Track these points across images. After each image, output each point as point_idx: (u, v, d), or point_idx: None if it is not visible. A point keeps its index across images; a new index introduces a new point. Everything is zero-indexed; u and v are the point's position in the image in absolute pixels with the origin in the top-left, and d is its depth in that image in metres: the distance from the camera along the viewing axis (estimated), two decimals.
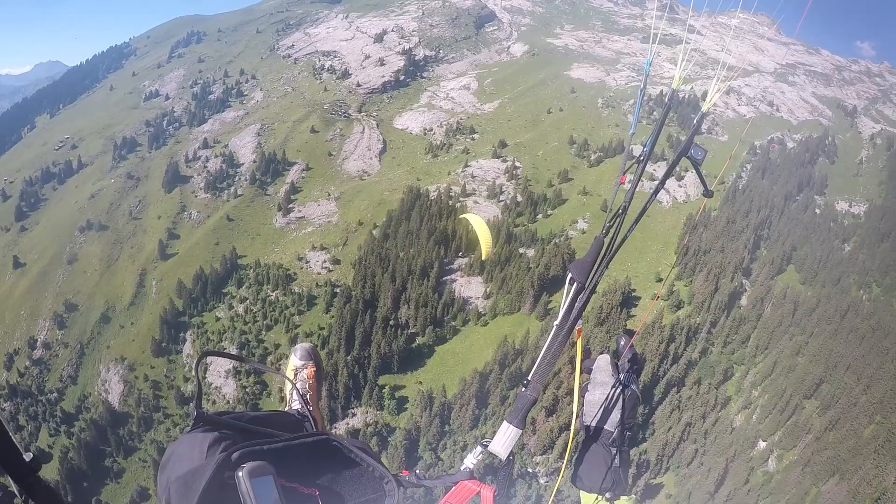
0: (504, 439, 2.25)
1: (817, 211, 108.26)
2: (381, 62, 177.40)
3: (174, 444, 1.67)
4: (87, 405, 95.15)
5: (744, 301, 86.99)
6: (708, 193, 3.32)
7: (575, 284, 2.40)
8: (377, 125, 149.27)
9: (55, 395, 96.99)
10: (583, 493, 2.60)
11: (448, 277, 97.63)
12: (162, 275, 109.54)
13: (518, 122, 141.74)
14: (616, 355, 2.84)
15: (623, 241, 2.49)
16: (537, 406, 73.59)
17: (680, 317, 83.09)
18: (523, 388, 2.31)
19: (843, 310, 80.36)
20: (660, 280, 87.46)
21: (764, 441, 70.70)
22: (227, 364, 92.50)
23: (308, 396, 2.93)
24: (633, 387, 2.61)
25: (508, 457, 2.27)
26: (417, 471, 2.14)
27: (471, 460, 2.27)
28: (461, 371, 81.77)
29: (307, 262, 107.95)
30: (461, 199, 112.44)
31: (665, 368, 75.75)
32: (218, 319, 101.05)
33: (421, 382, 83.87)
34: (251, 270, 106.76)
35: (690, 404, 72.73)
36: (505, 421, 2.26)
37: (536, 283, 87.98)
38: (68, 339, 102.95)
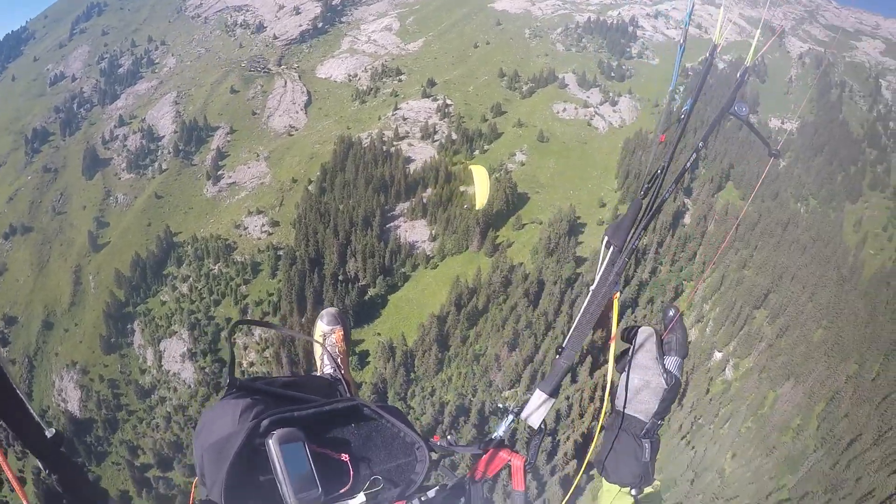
0: (537, 408, 2.01)
1: None
2: (297, 11, 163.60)
3: (207, 411, 1.63)
4: (48, 419, 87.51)
5: (687, 219, 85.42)
6: (774, 153, 2.88)
7: (611, 248, 2.04)
8: (299, 77, 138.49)
9: None
10: (605, 482, 2.10)
11: (391, 224, 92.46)
12: (97, 267, 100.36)
13: (445, 59, 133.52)
14: (659, 333, 2.15)
15: (662, 202, 2.10)
16: (499, 341, 71.70)
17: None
18: (557, 356, 2.02)
19: (784, 222, 79.95)
20: (603, 205, 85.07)
21: (719, 352, 70.73)
22: (181, 348, 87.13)
23: (339, 360, 2.68)
24: (676, 373, 2.03)
25: (540, 426, 2.02)
26: (449, 436, 2.01)
27: (502, 429, 2.06)
28: (418, 317, 78.42)
29: (245, 228, 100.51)
30: (395, 143, 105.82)
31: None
32: (164, 303, 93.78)
33: (380, 334, 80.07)
34: (189, 247, 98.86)
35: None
36: (538, 389, 2.01)
37: (481, 220, 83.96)
38: (14, 355, 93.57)
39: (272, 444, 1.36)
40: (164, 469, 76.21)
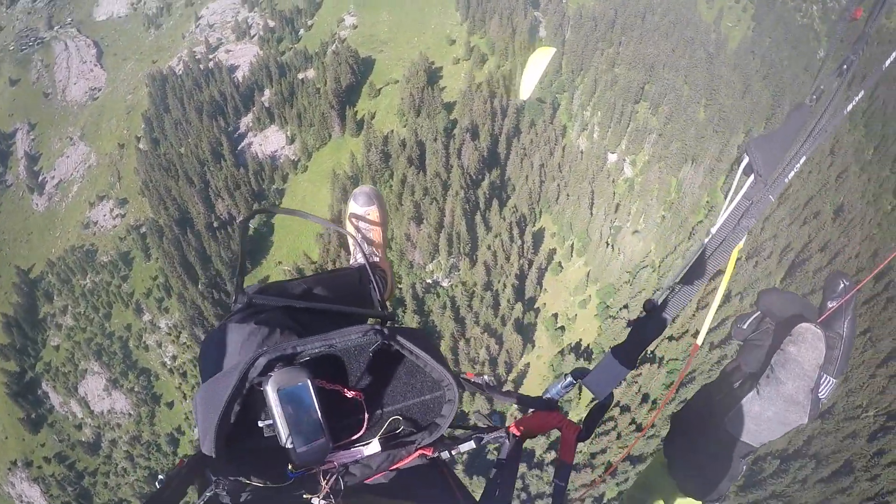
0: (605, 376, 1.49)
1: None
2: None
3: (210, 335, 1.37)
4: None
5: (543, 32, 75.27)
6: None
7: (752, 177, 1.27)
8: (78, 31, 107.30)
9: None
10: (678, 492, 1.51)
11: (243, 145, 75.58)
12: None
13: None
14: (822, 321, 1.24)
15: (849, 111, 1.25)
16: (403, 218, 60.89)
17: (490, 70, 69.86)
18: (643, 313, 1.45)
19: (640, 13, 72.10)
20: (453, 42, 71.94)
21: (612, 153, 65.18)
22: (100, 382, 71.43)
23: (374, 246, 2.25)
24: (825, 399, 1.25)
25: (606, 398, 1.53)
26: (485, 376, 1.68)
27: (557, 390, 1.64)
28: (311, 229, 65.86)
29: (95, 223, 79.80)
30: (210, 56, 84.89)
31: (499, 125, 64.05)
32: (57, 348, 75.52)
33: (280, 262, 67.50)
34: (50, 275, 78.32)
35: (534, 147, 63.01)
36: (610, 353, 1.48)
37: (334, 101, 69.15)
38: None
39: (269, 388, 1.11)
40: None
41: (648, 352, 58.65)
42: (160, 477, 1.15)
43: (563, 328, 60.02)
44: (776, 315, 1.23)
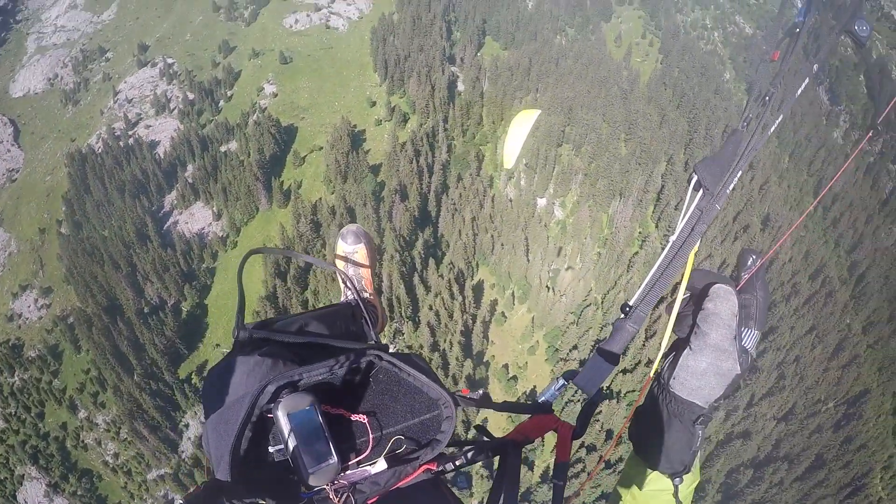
0: (593, 374, 1.60)
1: None
2: None
3: (213, 369, 1.40)
4: None
5: (461, 86, 75.42)
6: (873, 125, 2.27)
7: (701, 191, 1.49)
8: None
9: None
10: (648, 469, 1.63)
11: (168, 224, 71.74)
12: None
13: (148, 14, 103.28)
14: (739, 290, 1.50)
15: (772, 131, 1.56)
16: (338, 288, 58.47)
17: (413, 129, 68.97)
18: (622, 316, 1.56)
19: (554, 58, 73.40)
20: (374, 104, 70.88)
21: (542, 198, 65.12)
22: (39, 488, 64.28)
23: (363, 282, 2.40)
24: (752, 352, 1.46)
25: (596, 394, 1.64)
26: (481, 391, 1.73)
27: (550, 393, 1.77)
28: (247, 307, 62.14)
29: (19, 316, 73.45)
30: (130, 133, 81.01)
31: (427, 182, 62.96)
32: None
33: (218, 345, 63.91)
34: None
35: (464, 201, 62.16)
36: (596, 352, 1.59)
37: (259, 173, 66.58)
38: None
39: (279, 413, 1.14)
40: None
41: (605, 388, 58.08)
42: (178, 502, 1.19)
43: (515, 377, 58.68)
44: (697, 288, 1.41)
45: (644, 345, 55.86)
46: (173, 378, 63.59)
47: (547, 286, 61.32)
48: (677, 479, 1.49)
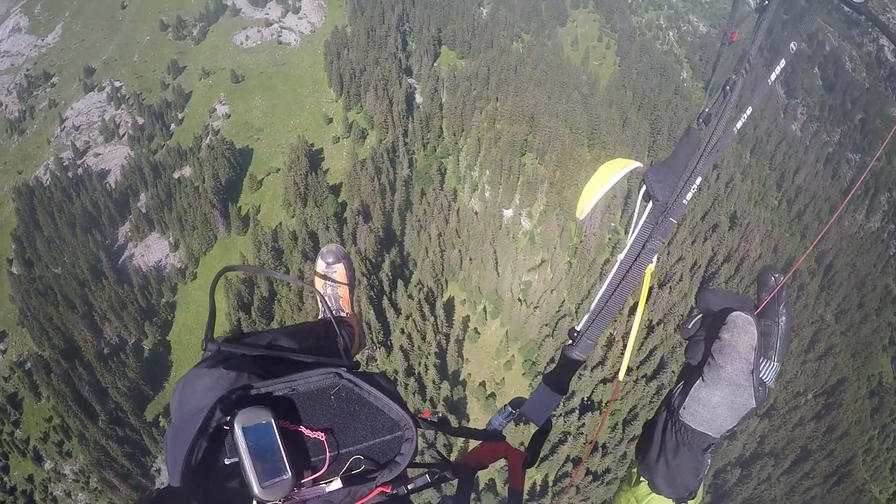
0: (541, 403, 1.56)
1: None
2: None
3: (179, 380, 1.36)
4: None
5: (419, 98, 71.75)
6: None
7: (651, 202, 1.33)
8: None
9: None
10: (652, 494, 1.49)
11: (123, 258, 66.49)
12: None
13: (93, 36, 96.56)
14: (759, 314, 1.29)
15: (738, 128, 1.31)
16: (305, 318, 54.51)
17: (372, 145, 65.18)
18: (570, 343, 1.47)
19: (512, 66, 70.15)
20: (330, 121, 66.75)
21: (507, 209, 62.39)
22: None
23: (341, 302, 2.37)
24: (770, 385, 1.28)
25: (545, 424, 1.60)
26: (440, 414, 1.68)
27: (499, 421, 1.71)
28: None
29: None
30: (78, 162, 75.11)
31: (389, 201, 59.28)
32: None
33: None
34: None
35: (429, 217, 58.72)
36: (542, 382, 1.56)
37: (214, 199, 61.85)
38: None
39: (236, 425, 1.12)
40: None
41: (586, 398, 55.71)
42: None
43: (493, 395, 55.83)
44: (712, 311, 1.27)
45: (622, 354, 53.87)
46: (140, 422, 58.83)
47: (519, 299, 58.54)
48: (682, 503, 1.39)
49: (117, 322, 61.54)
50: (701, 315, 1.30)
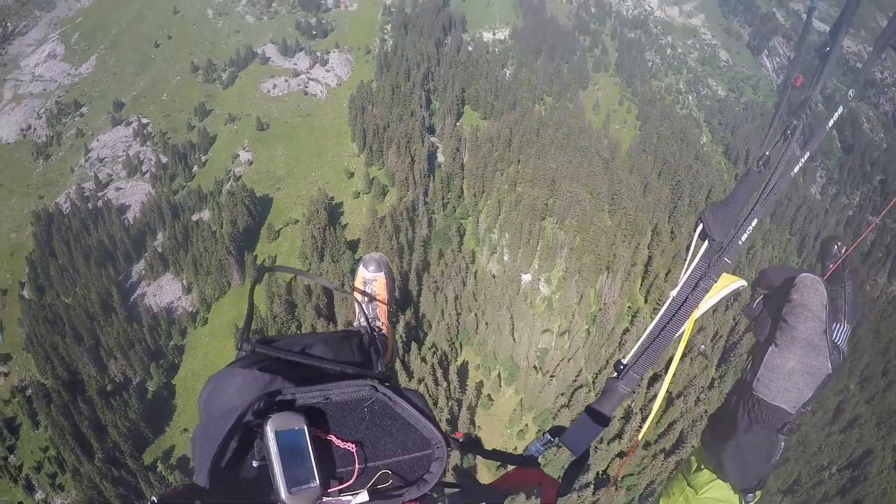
0: (581, 434, 1.50)
1: (469, 48, 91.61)
2: None
3: (213, 377, 1.34)
4: None
5: (441, 157, 71.32)
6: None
7: (707, 241, 1.29)
8: None
9: None
10: (716, 479, 1.44)
11: (135, 296, 65.11)
12: None
13: (126, 71, 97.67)
14: (827, 280, 1.34)
15: (796, 171, 1.33)
16: None
17: (392, 202, 64.32)
18: (615, 375, 1.45)
19: (534, 128, 69.69)
20: (352, 175, 66.12)
21: (526, 273, 60.57)
22: None
23: (378, 311, 2.27)
24: (843, 348, 1.26)
25: (584, 454, 1.54)
26: (473, 435, 1.74)
27: (536, 448, 1.65)
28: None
29: None
30: (99, 194, 74.63)
31: (407, 260, 57.85)
32: None
33: (186, 429, 57.13)
34: None
35: (446, 279, 57.14)
36: (585, 412, 1.50)
37: (231, 246, 60.67)
38: None
39: (268, 428, 1.10)
40: None
41: (601, 472, 52.57)
42: (153, 499, 1.13)
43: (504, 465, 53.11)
44: (775, 284, 1.25)
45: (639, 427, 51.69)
46: (137, 465, 56.36)
47: (535, 366, 56.37)
48: (749, 495, 1.30)
49: (123, 360, 59.91)
50: (763, 296, 1.27)
